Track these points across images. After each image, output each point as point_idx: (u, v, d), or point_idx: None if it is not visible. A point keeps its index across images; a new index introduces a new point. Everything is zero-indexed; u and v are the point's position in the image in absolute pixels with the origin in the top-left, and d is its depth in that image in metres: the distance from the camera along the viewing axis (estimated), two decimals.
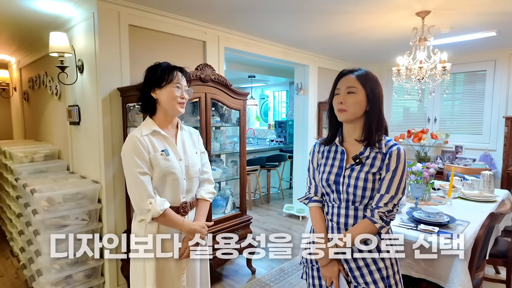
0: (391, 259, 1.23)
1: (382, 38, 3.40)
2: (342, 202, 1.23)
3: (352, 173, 1.21)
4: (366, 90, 1.20)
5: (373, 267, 1.21)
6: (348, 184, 1.21)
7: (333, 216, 1.26)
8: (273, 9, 2.56)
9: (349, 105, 1.19)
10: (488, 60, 4.07)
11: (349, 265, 1.24)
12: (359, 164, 1.21)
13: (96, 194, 2.43)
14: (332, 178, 1.25)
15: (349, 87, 1.21)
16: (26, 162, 2.98)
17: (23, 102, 4.39)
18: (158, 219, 1.41)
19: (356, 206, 1.22)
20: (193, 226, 1.48)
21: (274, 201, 5.42)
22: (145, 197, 1.37)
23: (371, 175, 1.19)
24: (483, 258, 1.96)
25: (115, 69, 2.41)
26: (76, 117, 2.70)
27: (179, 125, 1.57)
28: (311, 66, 4.32)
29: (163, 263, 1.44)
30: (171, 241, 1.46)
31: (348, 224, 1.23)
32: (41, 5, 2.41)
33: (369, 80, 1.22)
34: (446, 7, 2.51)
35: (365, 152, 1.22)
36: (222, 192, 2.91)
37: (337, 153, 1.28)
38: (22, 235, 2.76)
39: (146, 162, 1.39)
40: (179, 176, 1.46)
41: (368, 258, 1.21)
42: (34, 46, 3.53)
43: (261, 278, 2.80)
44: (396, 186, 1.18)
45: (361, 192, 1.19)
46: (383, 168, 1.19)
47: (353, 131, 1.25)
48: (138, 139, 1.40)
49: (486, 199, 2.46)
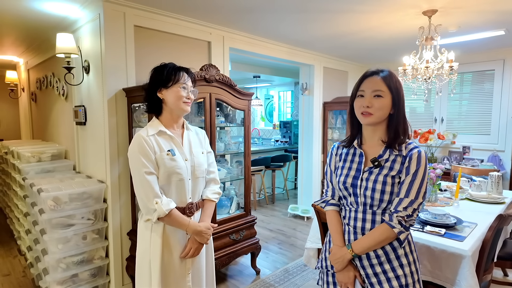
0: (411, 266, 1.18)
1: (388, 37, 3.37)
2: (360, 206, 1.19)
3: (370, 176, 1.17)
4: (393, 93, 1.16)
5: (391, 274, 1.15)
6: (366, 187, 1.17)
7: (350, 220, 1.23)
8: (278, 9, 2.55)
9: (376, 109, 1.15)
10: (496, 60, 4.01)
11: (366, 271, 1.19)
12: (377, 167, 1.17)
13: (102, 193, 2.45)
14: (350, 181, 1.21)
15: (376, 90, 1.16)
16: (34, 161, 3.01)
17: (31, 103, 4.44)
18: (164, 219, 1.41)
19: (374, 210, 1.17)
20: (199, 228, 1.48)
21: (279, 202, 5.41)
22: (151, 197, 1.38)
23: (390, 178, 1.14)
24: (491, 261, 1.92)
25: (121, 69, 2.42)
26: (82, 117, 2.72)
27: (185, 125, 1.57)
28: (316, 66, 4.30)
29: (168, 263, 1.45)
30: (176, 241, 1.47)
31: (365, 228, 1.19)
32: (48, 7, 2.44)
33: (394, 82, 1.17)
34: (453, 6, 2.48)
35: (384, 155, 1.18)
36: (226, 193, 2.91)
37: (355, 156, 1.25)
38: (29, 234, 2.79)
39: (152, 162, 1.40)
40: (185, 176, 1.46)
41: (385, 264, 1.16)
42: (42, 47, 3.57)
43: (266, 279, 2.79)
44: (417, 190, 1.13)
45: (379, 195, 1.15)
46: (403, 171, 1.15)
47: (373, 133, 1.22)
48: (144, 139, 1.40)
49: (494, 201, 2.42)
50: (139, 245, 1.49)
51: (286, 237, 3.82)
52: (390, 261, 1.16)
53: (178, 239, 1.48)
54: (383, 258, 1.16)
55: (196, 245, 1.49)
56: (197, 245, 1.49)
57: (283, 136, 6.50)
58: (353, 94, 1.23)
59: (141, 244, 1.48)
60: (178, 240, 1.48)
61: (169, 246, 1.46)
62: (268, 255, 3.29)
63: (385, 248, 1.16)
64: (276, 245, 3.57)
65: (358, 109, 1.19)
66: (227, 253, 2.61)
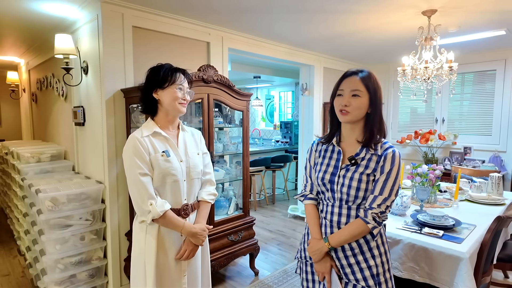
0: (382, 257, 1.26)
1: (387, 37, 3.35)
2: (336, 201, 1.26)
3: (347, 173, 1.23)
4: (370, 93, 1.20)
5: (364, 264, 1.24)
6: (342, 183, 1.23)
7: (327, 214, 1.29)
8: (276, 9, 2.55)
9: (353, 108, 1.20)
10: (498, 60, 3.98)
11: (341, 262, 1.27)
12: (354, 165, 1.23)
13: (100, 194, 2.45)
14: (328, 177, 1.27)
15: (354, 90, 1.21)
16: (33, 162, 3.02)
17: (31, 103, 4.46)
18: (159, 221, 1.40)
19: (349, 206, 1.24)
20: (194, 229, 1.47)
21: (279, 202, 5.40)
22: (145, 198, 1.37)
23: (365, 176, 1.21)
24: (490, 263, 1.91)
25: (119, 70, 2.43)
26: (81, 118, 2.73)
27: (180, 126, 1.56)
28: (316, 67, 4.29)
29: (163, 265, 1.44)
30: (171, 243, 1.47)
31: (341, 222, 1.25)
32: (47, 8, 2.45)
33: (372, 82, 1.21)
34: (453, 6, 2.46)
35: (361, 153, 1.24)
36: (225, 193, 2.90)
37: (334, 153, 1.31)
38: (28, 235, 2.80)
39: (147, 163, 1.39)
40: (179, 177, 1.45)
41: (359, 255, 1.24)
42: (42, 48, 3.59)
43: (264, 280, 2.78)
44: (390, 188, 1.19)
45: (355, 192, 1.21)
46: (378, 170, 1.21)
47: (351, 132, 1.27)
48: (139, 140, 1.40)
49: (495, 202, 2.40)
50: (134, 246, 1.48)
51: (286, 238, 3.81)
52: (363, 252, 1.24)
53: (173, 241, 1.47)
54: (356, 250, 1.24)
55: (191, 247, 1.48)
56: (192, 247, 1.48)
57: (284, 136, 6.49)
58: (333, 93, 1.28)
59: (136, 246, 1.47)
60: (173, 242, 1.47)
61: (164, 248, 1.45)
62: (268, 256, 3.29)
63: (358, 241, 1.24)
64: (276, 246, 3.57)
65: (337, 107, 1.25)
66: (225, 254, 2.60)
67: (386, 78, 4.94)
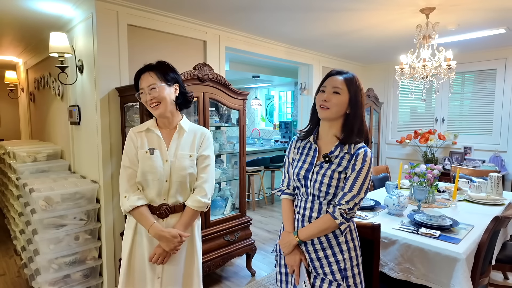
0: (351, 252, 1.30)
1: (386, 36, 3.32)
2: (309, 196, 1.31)
3: (320, 170, 1.27)
4: (350, 93, 1.25)
5: (332, 259, 1.28)
6: (315, 180, 1.27)
7: (300, 209, 1.34)
8: (273, 8, 2.52)
9: (333, 104, 1.24)
10: (498, 59, 3.94)
11: (310, 255, 1.31)
12: (328, 162, 1.27)
13: (95, 194, 2.43)
14: (303, 173, 1.32)
15: (335, 87, 1.25)
16: (29, 161, 3.00)
17: (29, 103, 4.45)
18: (131, 214, 1.44)
19: (320, 201, 1.29)
20: (161, 232, 1.38)
21: (278, 202, 5.37)
22: (123, 190, 1.44)
23: (337, 174, 1.25)
24: (488, 263, 1.87)
25: (114, 69, 2.41)
26: (76, 117, 2.71)
27: (178, 126, 1.51)
28: (315, 66, 4.27)
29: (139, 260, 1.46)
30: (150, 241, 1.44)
31: (312, 217, 1.30)
32: (42, 6, 2.43)
33: (354, 84, 1.26)
34: (452, 4, 2.43)
35: (335, 151, 1.28)
36: (221, 193, 2.88)
37: (310, 150, 1.35)
38: (23, 234, 2.78)
39: (132, 157, 1.45)
40: (159, 177, 1.42)
41: (327, 250, 1.28)
42: (39, 47, 3.57)
43: (261, 280, 2.76)
44: (359, 186, 1.23)
45: (326, 188, 1.25)
46: (349, 168, 1.25)
47: (329, 129, 1.31)
48: (130, 134, 1.48)
49: (494, 202, 2.36)
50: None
51: None
52: (331, 247, 1.28)
53: (151, 239, 1.43)
54: (325, 244, 1.28)
55: (160, 251, 1.40)
56: (161, 251, 1.40)
57: (283, 136, 6.46)
58: (317, 90, 1.32)
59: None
60: (151, 240, 1.44)
61: (142, 244, 1.45)
62: (265, 257, 3.26)
63: (327, 236, 1.28)
64: (274, 246, 3.53)
65: (318, 102, 1.29)
66: (221, 254, 2.58)
67: (386, 78, 4.91)
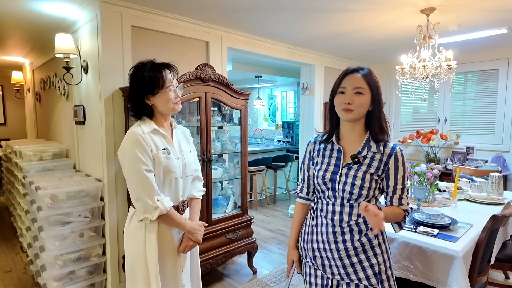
0: (384, 255, 1.26)
1: (387, 36, 3.34)
2: (337, 199, 1.24)
3: (350, 172, 1.22)
4: (372, 90, 1.20)
5: (366, 263, 1.23)
6: (345, 182, 1.22)
7: (327, 213, 1.27)
8: (274, 8, 2.55)
9: (357, 106, 1.18)
10: (501, 59, 3.94)
11: (343, 262, 1.24)
12: (357, 164, 1.21)
13: (99, 192, 2.48)
14: (328, 176, 1.26)
15: (357, 88, 1.19)
16: (35, 160, 3.06)
17: (35, 103, 4.52)
18: (163, 218, 1.38)
19: (351, 204, 1.23)
20: (194, 225, 1.50)
21: (281, 202, 5.40)
22: (152, 194, 1.34)
23: (369, 175, 1.20)
24: (487, 262, 1.89)
25: (118, 69, 2.45)
26: (81, 116, 2.76)
27: (173, 124, 1.57)
28: (317, 66, 4.29)
29: (163, 262, 1.43)
30: (171, 240, 1.46)
31: (343, 221, 1.23)
32: (48, 8, 2.48)
33: (373, 80, 1.21)
34: (452, 4, 2.45)
35: (363, 151, 1.23)
36: (223, 192, 2.91)
37: (333, 151, 1.29)
38: (29, 231, 2.84)
39: (151, 159, 1.37)
40: (178, 175, 1.46)
41: (361, 255, 1.23)
42: (45, 48, 3.64)
43: (262, 279, 2.79)
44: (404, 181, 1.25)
45: (358, 190, 1.20)
46: (389, 170, 1.22)
47: (352, 130, 1.26)
48: (141, 136, 1.36)
49: (494, 202, 2.37)
50: (131, 247, 1.44)
51: (286, 237, 3.80)
52: (365, 251, 1.23)
53: (172, 237, 1.47)
54: (359, 249, 1.23)
55: (191, 243, 1.49)
56: (192, 243, 1.50)
57: (286, 136, 6.48)
58: (334, 91, 1.25)
59: (134, 245, 1.43)
60: (173, 238, 1.47)
61: (164, 245, 1.44)
62: (267, 255, 3.29)
63: (361, 240, 1.22)
64: (275, 245, 3.56)
65: (339, 105, 1.22)
66: (223, 252, 2.62)
67: (388, 78, 4.91)
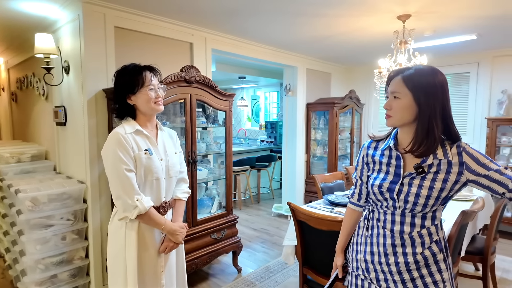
0: (448, 271, 1.14)
1: (365, 41, 3.47)
2: (398, 209, 1.12)
3: (413, 181, 1.09)
4: (413, 93, 1.06)
5: (429, 279, 1.11)
6: (407, 192, 1.09)
7: (386, 223, 1.15)
8: (258, 11, 2.61)
9: (394, 111, 1.10)
10: (471, 63, 4.17)
11: (402, 276, 1.12)
12: (421, 174, 1.08)
13: (82, 194, 2.45)
14: (387, 186, 1.14)
15: (393, 92, 1.11)
16: (13, 162, 2.98)
17: (11, 103, 4.37)
18: (142, 217, 1.42)
19: (413, 214, 1.11)
20: (174, 227, 1.51)
21: (264, 201, 5.47)
22: (132, 193, 1.38)
23: (438, 184, 1.07)
24: (457, 255, 2.02)
25: (101, 70, 2.43)
26: (62, 117, 2.71)
27: (158, 125, 1.59)
28: (300, 68, 4.38)
29: (143, 260, 1.46)
30: (152, 239, 1.49)
31: (404, 232, 1.11)
32: (27, 7, 2.43)
33: (416, 80, 1.07)
34: (427, 11, 2.58)
35: (427, 160, 1.08)
36: (208, 192, 2.94)
37: (392, 158, 1.16)
38: (7, 236, 2.76)
39: (132, 159, 1.40)
40: (160, 176, 1.49)
41: (423, 269, 1.11)
42: (23, 47, 3.53)
43: (247, 277, 2.84)
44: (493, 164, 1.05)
45: (424, 200, 1.08)
46: (469, 167, 1.05)
47: (407, 136, 1.13)
48: (123, 136, 1.40)
49: (464, 198, 2.53)
50: (112, 245, 1.48)
51: (270, 236, 3.87)
52: (428, 265, 1.12)
53: (153, 237, 1.50)
54: (422, 263, 1.11)
55: (172, 244, 1.52)
56: (173, 244, 1.52)
57: (269, 136, 6.56)
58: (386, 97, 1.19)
59: (115, 244, 1.47)
60: (153, 238, 1.50)
61: (144, 244, 1.47)
62: (252, 254, 3.34)
63: (424, 254, 1.11)
64: (260, 244, 3.62)
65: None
66: (208, 252, 2.65)
67: (367, 80, 5.08)
